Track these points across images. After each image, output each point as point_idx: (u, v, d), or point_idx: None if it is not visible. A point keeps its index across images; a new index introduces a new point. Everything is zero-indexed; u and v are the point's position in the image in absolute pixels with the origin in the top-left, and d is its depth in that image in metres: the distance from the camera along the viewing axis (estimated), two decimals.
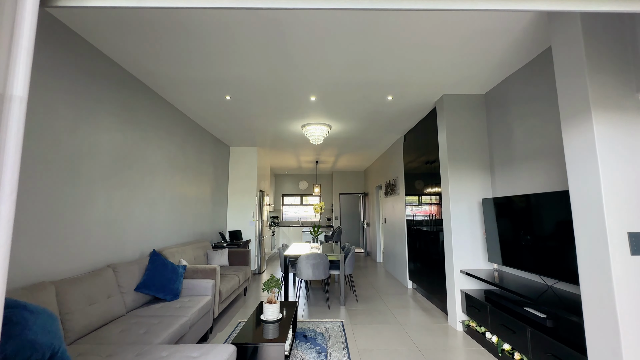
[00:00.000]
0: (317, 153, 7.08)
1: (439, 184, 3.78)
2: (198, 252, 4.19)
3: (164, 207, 3.68)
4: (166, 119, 3.75)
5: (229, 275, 3.85)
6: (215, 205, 5.53)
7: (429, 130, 4.14)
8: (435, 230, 3.93)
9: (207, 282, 3.04)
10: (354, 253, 4.42)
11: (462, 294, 3.26)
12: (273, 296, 2.55)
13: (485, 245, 3.36)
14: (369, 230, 8.96)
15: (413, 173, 4.83)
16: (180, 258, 3.58)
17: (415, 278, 4.75)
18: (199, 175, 4.80)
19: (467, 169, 3.45)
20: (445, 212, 3.51)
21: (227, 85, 3.37)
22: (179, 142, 4.09)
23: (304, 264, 4.03)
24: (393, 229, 6.03)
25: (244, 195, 6.20)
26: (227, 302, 3.57)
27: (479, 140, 3.49)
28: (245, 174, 6.25)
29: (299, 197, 10.77)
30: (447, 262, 3.47)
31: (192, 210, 4.51)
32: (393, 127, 4.96)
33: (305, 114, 4.30)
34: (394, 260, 5.98)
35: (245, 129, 5.06)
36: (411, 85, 3.36)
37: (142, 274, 2.77)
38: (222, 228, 5.92)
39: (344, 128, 4.99)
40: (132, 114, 3.08)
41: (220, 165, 5.78)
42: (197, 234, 4.69)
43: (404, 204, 5.30)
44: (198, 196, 4.75)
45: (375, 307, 4.09)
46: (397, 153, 5.79)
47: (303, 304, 4.22)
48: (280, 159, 7.93)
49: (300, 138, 5.62)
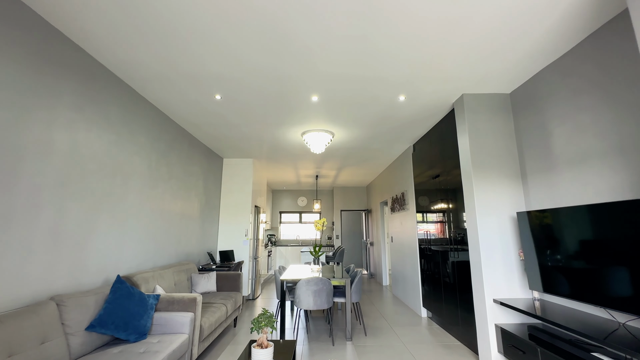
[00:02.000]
0: (317, 166, 6.61)
1: (458, 197, 3.28)
2: (180, 276, 3.60)
3: (140, 223, 3.14)
4: (146, 122, 3.28)
5: (214, 304, 3.25)
6: (205, 223, 4.97)
7: (446, 136, 3.68)
8: (457, 250, 3.38)
9: (184, 316, 2.45)
10: (361, 277, 3.84)
11: (497, 330, 2.67)
12: (265, 337, 1.97)
13: (521, 269, 2.81)
14: (372, 250, 8.34)
15: (425, 186, 4.34)
16: (157, 284, 2.99)
17: (431, 306, 4.13)
18: (186, 189, 4.28)
19: (495, 178, 2.96)
20: (471, 230, 2.98)
21: (217, 82, 2.93)
22: (162, 150, 3.60)
23: (303, 290, 3.44)
24: (401, 248, 5.45)
25: (238, 211, 5.65)
26: (210, 338, 2.95)
27: (507, 145, 3.02)
28: (239, 188, 5.74)
29: (298, 215, 10.20)
30: (476, 289, 2.90)
31: (176, 227, 3.96)
32: (402, 135, 4.51)
33: (306, 118, 3.85)
34: (403, 284, 5.36)
35: (240, 138, 4.60)
36: (427, 81, 2.93)
37: (101, 308, 2.19)
38: (213, 248, 5.33)
39: (348, 136, 4.54)
40: (102, 112, 2.61)
41: (212, 178, 5.27)
42: (181, 255, 4.11)
43: (415, 221, 4.76)
44: (184, 212, 4.21)
45: (388, 342, 3.46)
46: (405, 165, 5.32)
47: (302, 338, 3.58)
48: (278, 173, 7.44)
49: (300, 148, 5.15)
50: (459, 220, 3.34)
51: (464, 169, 3.12)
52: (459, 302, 3.34)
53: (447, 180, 3.62)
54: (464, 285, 3.24)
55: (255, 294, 5.78)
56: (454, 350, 3.21)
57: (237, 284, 4.09)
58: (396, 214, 5.80)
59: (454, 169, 3.44)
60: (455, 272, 3.42)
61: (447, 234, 3.64)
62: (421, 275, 4.54)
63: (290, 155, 5.68)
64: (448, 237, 3.62)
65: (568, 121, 2.41)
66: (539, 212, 2.48)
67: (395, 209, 5.85)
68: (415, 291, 4.70)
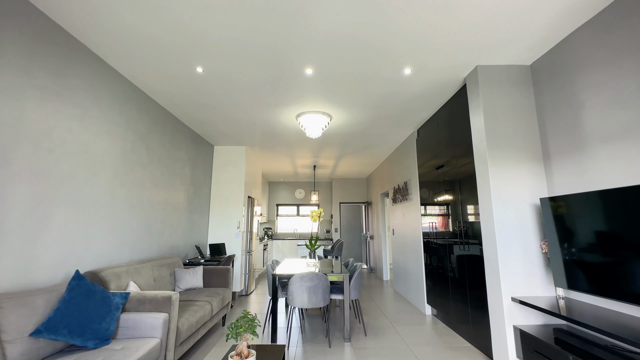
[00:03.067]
0: (314, 155, 6.25)
1: (469, 185, 2.93)
2: (162, 271, 3.26)
3: (113, 212, 2.79)
4: (121, 98, 2.91)
5: (197, 302, 2.92)
6: (194, 214, 4.63)
7: (454, 118, 3.32)
8: (467, 244, 3.04)
9: (155, 318, 2.12)
10: (360, 272, 3.51)
11: (515, 332, 2.35)
12: (245, 345, 1.64)
13: (543, 263, 2.47)
14: (372, 244, 8.03)
15: (430, 175, 3.98)
16: (131, 281, 2.65)
17: (437, 303, 3.81)
18: (171, 176, 3.92)
19: (514, 162, 2.60)
20: (486, 220, 2.64)
21: (197, 51, 2.55)
22: (140, 131, 3.23)
23: (297, 286, 3.11)
24: (404, 241, 5.13)
25: (229, 202, 5.30)
26: (191, 341, 2.63)
27: (527, 123, 2.66)
28: (231, 177, 5.38)
29: (295, 207, 9.86)
30: (491, 287, 2.57)
31: (158, 218, 3.61)
32: (406, 119, 4.14)
33: (301, 98, 3.48)
34: (405, 279, 5.04)
35: (229, 122, 4.23)
36: (437, 49, 2.55)
37: (53, 309, 1.85)
38: (202, 241, 4.99)
39: (347, 119, 4.17)
40: (62, 82, 2.24)
41: (201, 167, 4.91)
42: (165, 248, 3.77)
43: (419, 212, 4.42)
44: (168, 201, 3.85)
45: (390, 343, 3.15)
46: (408, 152, 4.96)
47: (296, 339, 3.27)
48: (273, 163, 7.08)
49: (295, 133, 4.79)
50: (470, 210, 2.99)
51: (478, 152, 2.77)
52: (470, 300, 3.01)
53: (456, 166, 3.27)
54: (475, 281, 2.91)
55: (249, 289, 5.47)
56: (464, 353, 2.90)
57: (226, 279, 3.75)
58: (398, 205, 5.46)
59: (464, 154, 3.09)
60: (465, 267, 3.09)
61: (456, 225, 3.30)
62: (425, 270, 4.22)
63: (285, 142, 5.31)
64: (456, 228, 3.28)
65: (605, 90, 2.05)
66: (567, 197, 2.13)
67: (397, 199, 5.51)
68: (419, 287, 4.39)
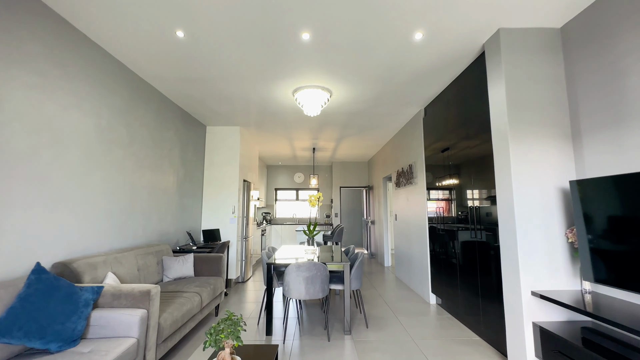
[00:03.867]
0: (314, 136, 5.91)
1: (483, 166, 2.62)
2: (148, 260, 3.02)
3: (88, 197, 2.51)
4: (92, 68, 2.57)
5: (185, 294, 2.68)
6: (185, 198, 4.36)
7: (469, 91, 2.97)
8: (480, 230, 2.77)
9: (131, 315, 1.87)
10: (362, 260, 3.27)
11: (535, 329, 2.11)
12: (227, 354, 1.39)
13: (568, 254, 2.21)
14: (373, 229, 7.81)
15: (438, 157, 3.67)
16: (109, 272, 2.40)
17: (442, 292, 3.60)
18: (158, 158, 3.62)
19: (538, 139, 2.29)
20: (504, 204, 2.35)
21: (175, 10, 2.19)
22: (118, 106, 2.91)
23: (293, 276, 2.87)
24: (407, 227, 4.88)
25: (224, 186, 5.02)
26: (177, 336, 2.41)
27: (555, 95, 2.33)
28: (225, 160, 5.07)
29: (295, 192, 9.61)
30: (508, 279, 2.32)
31: (143, 202, 3.34)
32: (413, 95, 3.79)
33: (297, 70, 3.12)
34: (408, 266, 4.83)
35: (221, 98, 3.88)
36: (453, 9, 2.19)
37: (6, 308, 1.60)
38: (195, 227, 4.75)
39: (349, 96, 3.82)
40: (13, 43, 1.90)
41: (191, 148, 4.60)
42: (152, 235, 3.52)
43: (425, 196, 4.14)
44: (156, 184, 3.57)
45: (393, 336, 2.94)
46: (414, 133, 4.63)
47: (293, 331, 3.06)
48: (270, 146, 6.75)
49: (292, 111, 4.44)
50: (484, 194, 2.71)
51: (497, 129, 2.44)
52: (480, 290, 2.78)
53: (468, 147, 2.95)
54: (487, 271, 2.66)
55: (246, 276, 5.28)
56: (474, 347, 2.68)
57: (218, 267, 3.52)
58: (402, 189, 5.18)
59: (478, 134, 2.77)
60: (476, 255, 2.83)
61: (465, 210, 3.02)
62: (430, 258, 3.98)
63: (282, 122, 4.97)
64: (466, 214, 3.00)
65: None
66: (602, 180, 1.83)
67: (400, 183, 5.22)
68: (423, 275, 4.17)
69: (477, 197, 2.83)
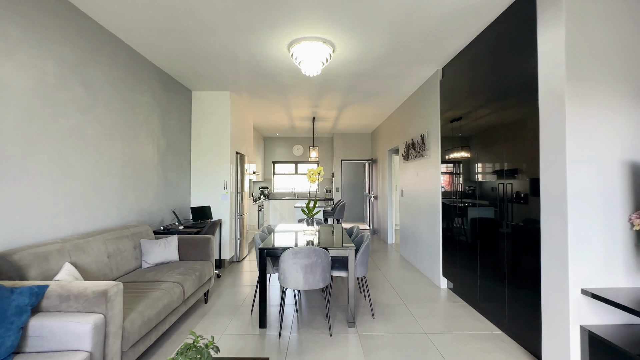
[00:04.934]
0: (313, 104, 5.32)
1: (517, 135, 2.12)
2: (121, 244, 2.61)
3: (30, 171, 2.03)
4: (26, 6, 1.98)
5: (164, 284, 2.29)
6: (169, 172, 3.89)
7: (505, 42, 2.39)
8: (511, 210, 2.33)
9: (80, 324, 1.47)
10: (369, 243, 2.87)
11: (583, 334, 1.74)
12: None
13: (631, 244, 1.78)
14: (376, 205, 7.43)
15: (458, 125, 3.15)
16: (66, 262, 1.99)
17: (455, 276, 3.24)
18: (131, 126, 3.10)
19: (605, 99, 1.78)
20: (552, 182, 1.88)
21: None
22: (71, 61, 2.34)
23: (290, 264, 2.47)
24: (415, 204, 4.46)
25: (214, 159, 4.53)
26: (152, 337, 2.04)
27: (633, 41, 1.78)
28: (214, 129, 4.54)
29: (293, 165, 9.13)
30: (548, 271, 1.91)
31: (116, 178, 2.87)
32: (429, 50, 3.19)
33: (294, 15, 2.51)
34: (415, 245, 4.47)
35: (205, 56, 3.28)
36: None
37: None
38: (183, 204, 4.32)
39: (354, 52, 3.22)
40: None
41: (175, 115, 4.05)
42: (130, 215, 3.09)
43: (438, 170, 3.67)
44: (131, 157, 3.09)
45: (403, 328, 2.61)
46: (428, 98, 4.06)
47: (290, 321, 2.73)
48: (266, 115, 6.16)
49: (289, 72, 3.84)
50: (521, 166, 2.23)
51: (547, 86, 1.91)
52: (508, 278, 2.39)
53: (498, 112, 2.43)
54: (517, 256, 2.25)
55: (241, 255, 4.95)
56: (496, 344, 2.35)
57: (206, 250, 3.13)
58: (411, 162, 4.69)
59: (513, 96, 2.23)
60: (504, 239, 2.42)
61: (492, 187, 2.56)
62: (443, 238, 3.60)
63: (277, 87, 4.37)
64: (494, 190, 2.55)
65: None
66: None
67: (409, 156, 4.73)
68: (433, 256, 3.81)
69: (510, 172, 2.35)
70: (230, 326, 2.64)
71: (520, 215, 2.22)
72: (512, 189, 2.30)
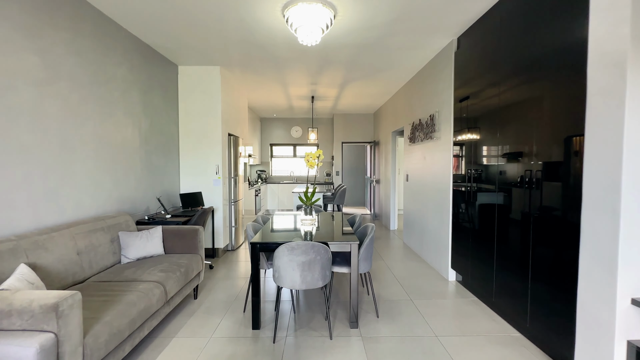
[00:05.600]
0: (312, 80, 4.89)
1: (553, 114, 1.76)
2: (95, 238, 2.31)
3: None
4: None
5: (142, 285, 2.01)
6: (153, 156, 3.54)
7: (536, 2, 1.98)
8: (538, 198, 2.01)
9: (22, 346, 1.19)
10: (373, 236, 2.57)
11: (630, 351, 1.47)
12: None
13: None
14: (378, 189, 7.14)
15: (476, 103, 2.78)
16: (22, 264, 1.69)
17: (466, 269, 2.98)
18: (104, 103, 2.73)
19: None
20: (598, 171, 1.56)
21: None
22: (18, 23, 1.95)
23: (285, 261, 2.19)
24: (422, 190, 4.15)
25: (204, 141, 4.17)
26: (126, 348, 1.77)
27: None
28: (203, 109, 4.15)
29: (292, 147, 8.75)
30: (588, 275, 1.62)
31: (89, 162, 2.54)
32: (443, 17, 2.76)
33: None
34: (421, 234, 4.20)
35: (189, 23, 2.85)
36: None
37: None
38: (172, 190, 4.01)
39: (359, 18, 2.79)
40: None
41: (159, 93, 3.66)
42: (108, 204, 2.78)
43: (449, 155, 3.33)
44: (105, 138, 2.74)
45: (411, 329, 2.36)
46: (439, 74, 3.65)
47: (287, 321, 2.48)
48: (262, 93, 5.74)
49: (284, 42, 3.42)
50: (555, 150, 1.89)
51: (600, 48, 1.54)
52: (533, 277, 2.12)
53: (524, 85, 2.06)
54: (547, 254, 1.96)
55: (237, 243, 4.69)
56: (517, 350, 2.10)
57: (194, 242, 2.85)
58: (417, 145, 4.34)
59: (551, 65, 1.85)
60: (532, 232, 2.12)
61: (516, 170, 2.24)
62: (453, 227, 3.31)
63: (272, 61, 3.95)
64: (519, 175, 2.22)
65: None
66: None
67: (416, 138, 4.37)
68: (441, 247, 3.54)
69: (537, 154, 2.02)
70: (221, 327, 2.39)
71: (551, 206, 1.90)
72: (542, 175, 1.98)
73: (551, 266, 1.92)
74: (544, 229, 1.98)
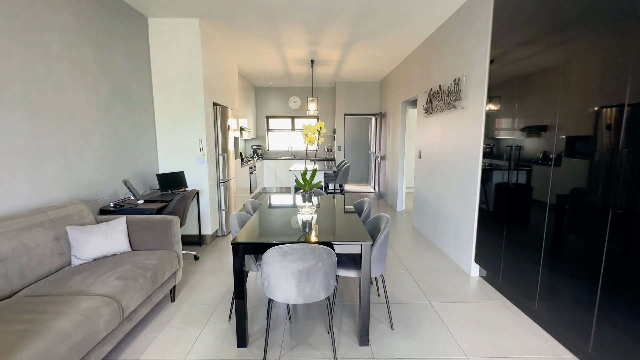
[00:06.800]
0: (312, 39, 4.14)
1: None
2: (30, 237, 1.78)
3: None
4: None
5: (85, 301, 1.50)
6: (120, 129, 2.93)
7: None
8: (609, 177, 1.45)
9: None
10: (389, 231, 2.03)
11: None
12: None
13: None
14: (384, 165, 6.56)
15: (519, 62, 2.12)
16: None
17: (495, 265, 2.48)
18: (38, 61, 2.08)
19: None
20: None
21: None
22: None
23: (276, 269, 1.66)
24: (439, 168, 3.58)
25: (184, 112, 3.53)
26: None
27: None
28: (181, 72, 3.47)
29: (290, 120, 8.05)
30: None
31: (20, 137, 1.95)
32: None
33: None
34: (435, 218, 3.69)
35: None
36: None
37: None
38: (148, 171, 3.43)
39: None
40: None
41: (124, 51, 2.97)
42: (56, 190, 2.22)
43: (480, 126, 2.72)
44: (44, 108, 2.12)
45: (435, 348, 1.90)
46: (470, 28, 2.94)
47: (281, 335, 2.01)
48: (254, 56, 4.98)
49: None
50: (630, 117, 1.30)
51: None
52: (604, 284, 1.60)
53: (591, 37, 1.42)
54: (631, 257, 1.44)
55: (228, 228, 4.20)
56: None
57: (168, 236, 2.32)
58: (435, 116, 3.71)
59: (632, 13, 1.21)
60: (609, 225, 1.58)
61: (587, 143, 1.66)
62: (479, 215, 2.78)
63: (263, 9, 3.21)
64: (586, 150, 1.65)
65: None
66: None
67: (434, 108, 3.72)
68: (463, 237, 3.03)
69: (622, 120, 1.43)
70: (199, 343, 1.92)
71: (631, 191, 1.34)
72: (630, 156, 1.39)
73: (634, 270, 1.40)
74: (628, 224, 1.43)
